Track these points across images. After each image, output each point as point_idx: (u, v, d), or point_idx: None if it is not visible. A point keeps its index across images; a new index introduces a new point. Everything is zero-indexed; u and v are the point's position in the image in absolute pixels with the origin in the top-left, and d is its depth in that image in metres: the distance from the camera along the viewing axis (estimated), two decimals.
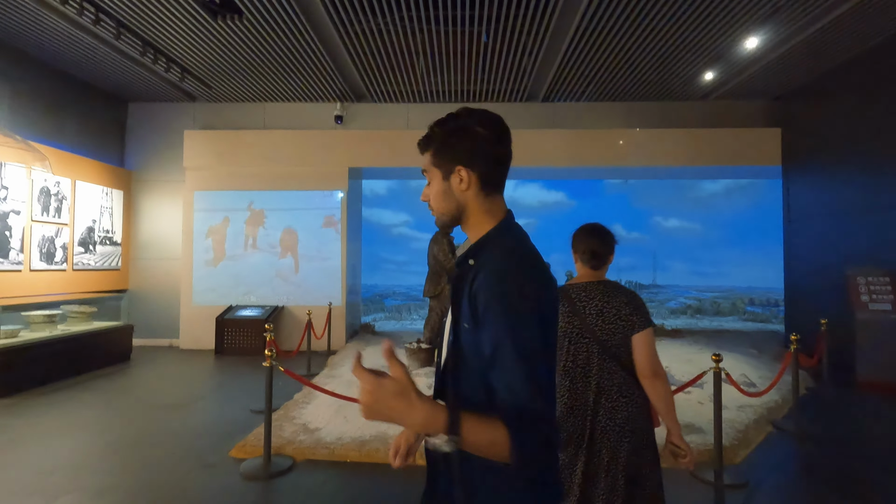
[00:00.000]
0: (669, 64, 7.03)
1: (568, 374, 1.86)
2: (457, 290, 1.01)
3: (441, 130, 1.05)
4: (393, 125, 8.45)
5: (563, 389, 1.86)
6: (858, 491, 3.16)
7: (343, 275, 8.05)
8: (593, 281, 1.93)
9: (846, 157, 6.69)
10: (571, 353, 1.86)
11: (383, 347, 0.89)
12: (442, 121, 1.07)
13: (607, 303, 1.85)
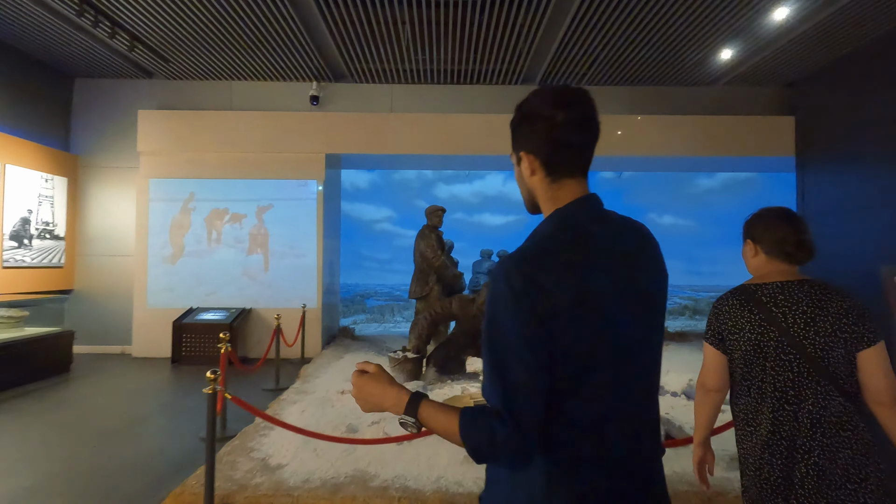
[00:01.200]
0: (676, 46, 6.43)
1: (765, 400, 1.46)
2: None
3: (516, 113, 1.00)
4: (375, 108, 7.65)
5: (761, 418, 1.47)
6: None
7: (319, 273, 7.23)
8: (792, 280, 1.51)
9: (866, 146, 6.15)
10: (769, 373, 1.46)
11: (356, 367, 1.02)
12: (522, 101, 1.00)
13: (820, 309, 1.43)
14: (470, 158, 8.03)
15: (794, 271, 1.57)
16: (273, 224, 7.26)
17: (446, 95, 7.73)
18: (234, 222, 7.25)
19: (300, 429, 2.67)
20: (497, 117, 7.52)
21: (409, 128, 7.46)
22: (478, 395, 4.82)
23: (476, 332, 5.24)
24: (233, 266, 7.22)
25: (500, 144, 7.50)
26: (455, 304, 5.26)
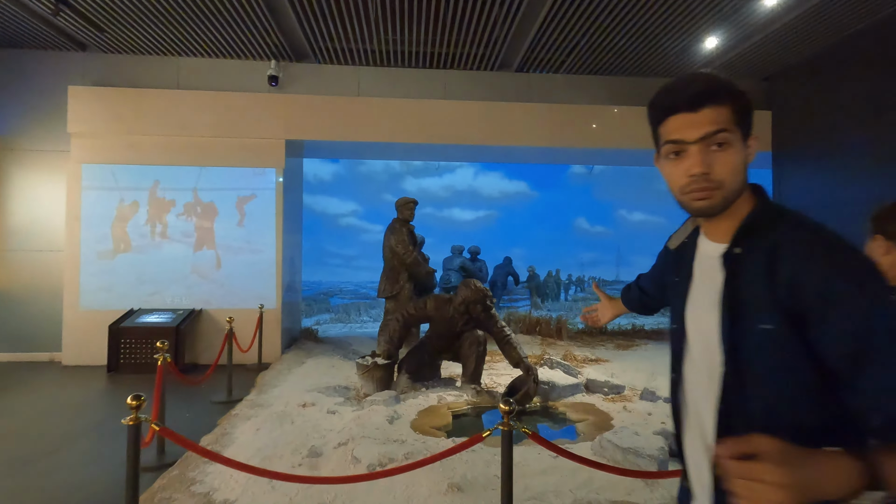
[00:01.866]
0: (657, 35, 6.20)
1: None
2: (745, 279, 0.85)
3: (745, 96, 0.87)
4: (341, 91, 7.07)
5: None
6: None
7: (279, 270, 6.61)
8: None
9: (842, 142, 6.09)
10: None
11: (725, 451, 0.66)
12: (736, 86, 0.88)
13: None
14: (443, 148, 7.57)
15: None
16: (227, 216, 6.58)
17: (418, 80, 7.24)
18: (183, 214, 6.53)
19: (248, 466, 2.15)
20: (472, 104, 7.09)
21: (378, 114, 6.93)
22: (456, 404, 4.39)
23: (453, 334, 4.81)
24: (180, 263, 6.50)
25: (475, 133, 7.09)
26: (430, 305, 4.80)
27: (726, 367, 0.85)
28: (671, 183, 0.94)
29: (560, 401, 4.50)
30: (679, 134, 0.87)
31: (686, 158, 0.88)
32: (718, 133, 0.84)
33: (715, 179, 0.86)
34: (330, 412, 4.04)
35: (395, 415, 3.88)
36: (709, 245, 0.97)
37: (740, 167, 0.88)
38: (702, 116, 0.85)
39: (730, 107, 0.86)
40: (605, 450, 3.08)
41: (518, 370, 4.62)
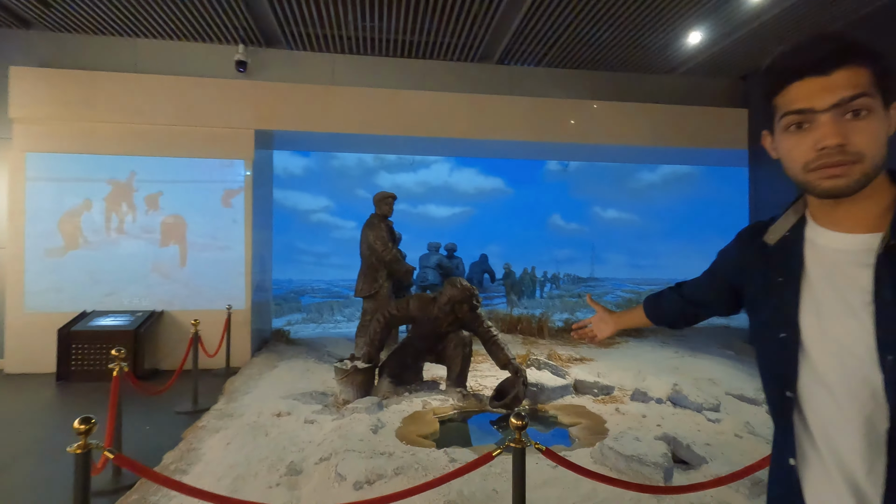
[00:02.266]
0: (641, 29, 6.16)
1: None
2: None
3: (884, 59, 0.75)
4: (314, 79, 6.71)
5: None
6: None
7: (248, 269, 6.22)
8: None
9: None
10: None
11: None
12: (871, 47, 0.76)
13: None
14: (420, 141, 7.31)
15: None
16: (191, 211, 6.14)
17: (395, 69, 6.95)
18: (142, 208, 6.05)
19: (216, 496, 1.85)
20: (451, 96, 6.87)
21: (353, 104, 6.61)
22: (441, 409, 4.17)
23: (437, 335, 4.58)
24: (139, 261, 6.03)
25: (454, 126, 6.87)
26: (413, 304, 4.55)
27: (890, 380, 0.70)
28: (791, 161, 0.80)
29: (549, 403, 4.34)
30: (806, 102, 0.76)
31: (814, 130, 0.75)
32: (856, 98, 0.73)
33: (852, 152, 0.73)
34: (308, 422, 3.74)
35: (378, 423, 3.62)
36: (835, 236, 0.82)
37: (882, 139, 0.74)
38: (835, 80, 0.74)
39: (869, 68, 0.74)
40: (607, 458, 2.91)
41: (504, 372, 4.44)
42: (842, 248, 0.80)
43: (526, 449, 1.89)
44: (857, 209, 0.79)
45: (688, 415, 3.84)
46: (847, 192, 0.75)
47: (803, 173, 0.79)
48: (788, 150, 0.81)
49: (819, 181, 0.77)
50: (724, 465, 2.92)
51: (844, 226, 0.81)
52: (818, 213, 0.85)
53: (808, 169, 0.78)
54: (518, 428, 1.89)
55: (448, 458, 2.95)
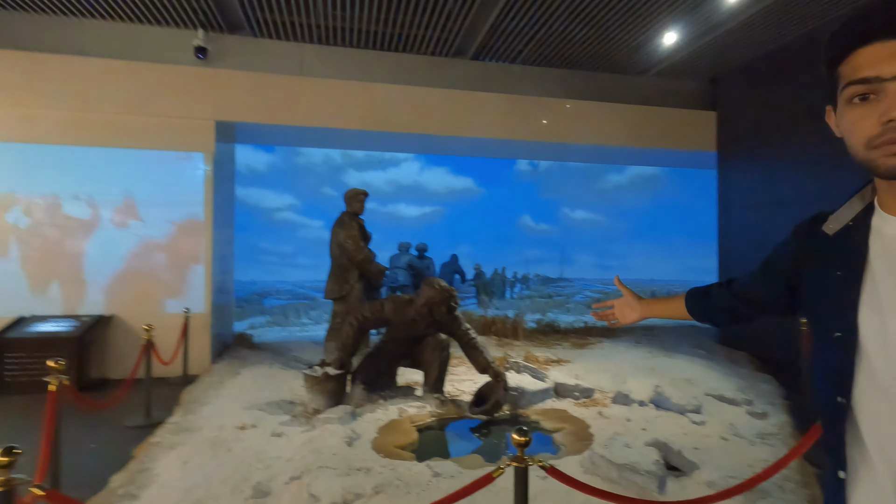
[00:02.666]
0: (613, 31, 6.15)
1: None
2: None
3: None
4: (281, 69, 6.36)
5: None
6: None
7: (208, 269, 5.81)
8: None
9: (784, 144, 6.30)
10: None
11: None
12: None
13: None
14: (392, 137, 7.06)
15: None
16: (146, 207, 5.68)
17: (367, 62, 6.68)
18: (89, 203, 5.55)
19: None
20: (424, 91, 6.66)
21: (322, 97, 6.30)
22: (419, 416, 3.95)
23: (413, 338, 4.36)
24: (88, 260, 5.53)
25: (427, 122, 6.67)
26: (389, 307, 4.32)
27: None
28: (854, 136, 0.72)
29: (530, 408, 4.19)
30: (873, 69, 0.68)
31: (881, 101, 0.67)
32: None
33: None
34: (275, 435, 3.46)
35: (353, 434, 3.38)
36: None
37: None
38: (888, 48, 0.66)
39: None
40: (598, 467, 2.78)
41: (482, 376, 4.27)
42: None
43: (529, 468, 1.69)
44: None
45: (671, 417, 3.77)
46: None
47: (866, 150, 0.71)
48: (851, 125, 0.72)
49: (883, 159, 0.68)
50: (715, 470, 2.84)
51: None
52: (887, 198, 0.76)
53: (872, 146, 0.69)
54: (521, 445, 1.70)
55: (431, 473, 2.75)
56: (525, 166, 13.15)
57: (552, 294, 12.49)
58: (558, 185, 13.32)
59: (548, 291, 12.74)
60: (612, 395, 4.25)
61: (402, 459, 3.05)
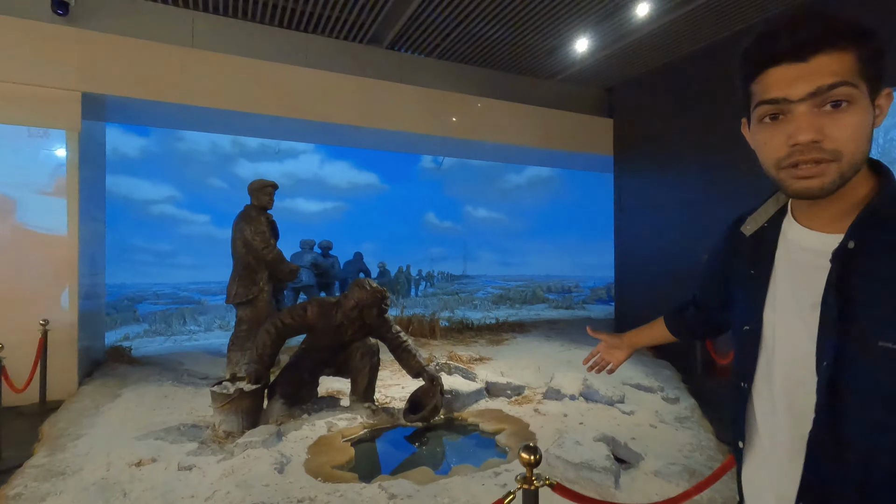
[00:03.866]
0: (526, 34, 6.31)
1: None
2: (868, 280, 0.66)
3: (876, 39, 0.68)
4: (166, 37, 5.48)
5: None
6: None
7: (73, 272, 4.80)
8: None
9: (675, 152, 6.99)
10: None
11: None
12: (859, 23, 0.67)
13: None
14: (295, 123, 6.48)
15: None
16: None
17: (269, 40, 6.04)
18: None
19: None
20: (334, 77, 6.21)
21: (215, 73, 5.56)
22: (350, 429, 3.62)
23: (339, 343, 4.00)
24: None
25: (336, 111, 6.23)
26: (312, 311, 3.89)
27: (821, 385, 0.70)
28: (764, 154, 0.74)
29: (466, 410, 4.08)
30: (781, 90, 0.69)
31: (789, 122, 0.70)
32: (836, 87, 0.66)
33: (829, 149, 0.67)
34: (184, 468, 2.90)
35: (282, 458, 2.96)
36: (805, 233, 0.78)
37: (865, 133, 0.68)
38: (814, 66, 0.67)
39: (853, 53, 0.67)
40: (555, 468, 2.73)
41: (413, 381, 4.07)
42: (808, 247, 0.77)
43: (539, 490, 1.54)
44: (833, 207, 0.73)
45: (602, 409, 3.91)
46: (820, 194, 0.69)
47: (776, 170, 0.73)
48: (762, 143, 0.74)
49: (791, 181, 0.71)
50: (657, 459, 2.96)
51: (816, 223, 0.76)
52: (796, 206, 0.82)
53: (780, 166, 0.72)
54: (529, 465, 1.53)
55: (387, 495, 2.48)
56: (430, 164, 13.13)
57: (457, 291, 12.63)
58: (462, 183, 13.51)
59: (452, 289, 12.86)
60: (544, 391, 4.30)
61: (345, 482, 2.72)
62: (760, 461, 0.83)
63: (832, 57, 0.67)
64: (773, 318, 0.79)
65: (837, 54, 0.67)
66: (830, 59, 0.67)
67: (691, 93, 6.71)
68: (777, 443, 0.78)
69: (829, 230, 0.74)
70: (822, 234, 0.75)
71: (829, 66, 0.67)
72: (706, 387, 4.94)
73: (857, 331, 0.67)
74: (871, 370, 0.66)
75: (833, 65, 0.67)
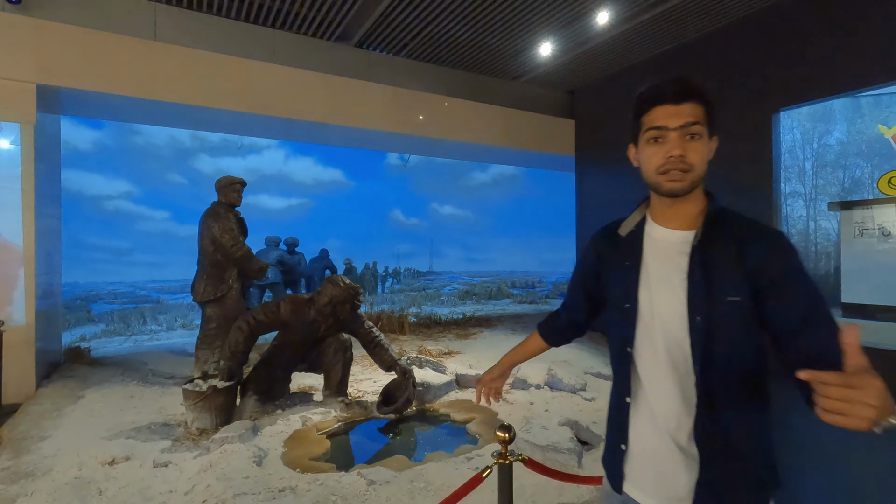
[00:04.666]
0: (493, 36, 6.49)
1: None
2: (716, 261, 1.00)
3: (708, 98, 1.04)
4: (127, 30, 5.34)
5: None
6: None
7: (29, 270, 4.64)
8: None
9: None
10: None
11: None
12: (699, 84, 1.05)
13: None
14: (257, 120, 6.42)
15: None
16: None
17: (234, 34, 5.97)
18: None
19: None
20: (302, 74, 6.21)
21: (178, 67, 5.46)
22: (325, 423, 3.70)
23: (312, 339, 4.06)
24: None
25: (302, 107, 6.24)
26: (285, 308, 3.93)
27: (694, 336, 0.99)
28: (648, 164, 1.06)
29: (437, 401, 4.23)
30: (663, 121, 1.02)
31: (665, 143, 1.02)
32: (694, 125, 1.01)
33: (688, 163, 1.00)
34: (159, 465, 2.91)
35: (260, 452, 3.02)
36: (665, 231, 1.09)
37: (705, 158, 1.03)
38: (683, 109, 1.01)
39: (704, 107, 1.02)
40: (524, 451, 2.91)
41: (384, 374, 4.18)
42: (669, 241, 1.07)
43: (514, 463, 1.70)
44: (683, 210, 1.06)
45: (566, 397, 4.14)
46: (682, 192, 1.02)
47: (655, 175, 1.05)
48: (648, 157, 1.06)
49: (665, 182, 1.03)
50: None
51: (673, 224, 1.08)
52: (656, 213, 1.12)
53: (659, 172, 1.03)
54: (504, 442, 1.69)
55: (366, 481, 2.59)
56: (395, 161, 13.16)
57: (424, 287, 12.74)
58: (427, 180, 13.62)
59: (419, 285, 12.96)
60: (511, 381, 4.50)
61: (322, 472, 2.82)
62: (646, 410, 1.06)
63: (694, 106, 1.01)
64: (648, 295, 1.06)
65: (696, 105, 1.01)
66: (693, 107, 1.01)
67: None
68: (665, 396, 1.02)
69: (683, 228, 1.07)
70: (677, 231, 1.07)
71: (692, 111, 1.01)
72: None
73: (713, 292, 0.98)
74: (724, 317, 0.97)
75: (694, 111, 1.01)
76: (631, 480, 1.09)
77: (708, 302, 0.98)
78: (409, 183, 13.33)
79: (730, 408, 0.97)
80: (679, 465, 1.00)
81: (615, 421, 1.12)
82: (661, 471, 1.03)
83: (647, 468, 1.06)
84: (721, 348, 0.97)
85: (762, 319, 0.97)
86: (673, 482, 1.01)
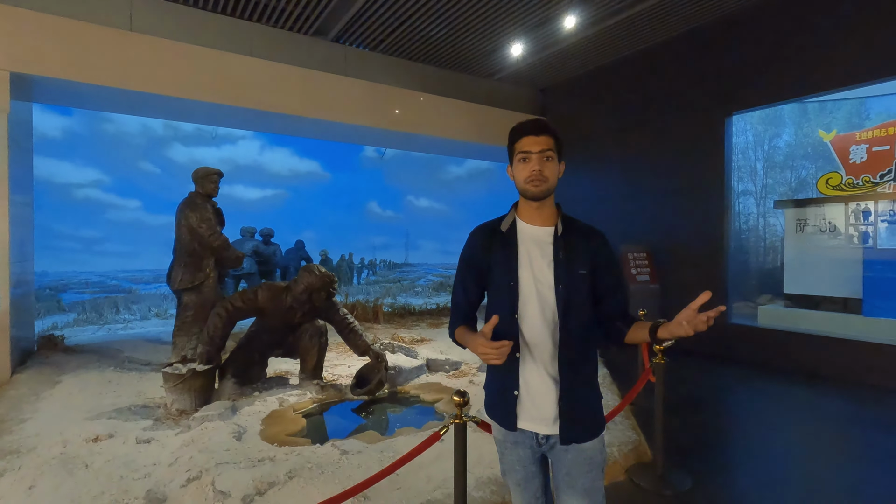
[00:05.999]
0: (468, 35, 6.71)
1: None
2: (570, 247, 1.46)
3: (557, 135, 1.48)
4: (102, 19, 5.35)
5: None
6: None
7: (4, 258, 4.67)
8: None
9: (599, 152, 7.71)
10: None
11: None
12: (551, 125, 1.49)
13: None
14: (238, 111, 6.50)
15: None
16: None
17: (211, 27, 6.02)
18: None
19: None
20: (279, 67, 6.32)
21: (154, 58, 5.51)
22: (301, 404, 3.91)
23: (288, 325, 4.25)
24: None
25: (279, 100, 6.35)
26: (263, 295, 4.10)
27: (559, 297, 1.43)
28: (519, 177, 1.47)
29: (408, 384, 4.47)
30: (529, 147, 1.44)
31: (530, 162, 1.44)
32: (548, 151, 1.44)
33: (545, 176, 1.43)
34: (142, 441, 3.08)
35: (239, 429, 3.21)
36: (532, 228, 1.51)
37: (556, 174, 1.47)
38: (542, 139, 1.44)
39: (554, 139, 1.46)
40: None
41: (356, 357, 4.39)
42: (536, 234, 1.50)
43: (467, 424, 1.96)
44: (545, 212, 1.50)
45: None
46: (542, 196, 1.45)
47: (524, 184, 1.45)
48: (519, 172, 1.46)
49: (531, 188, 1.44)
50: None
51: (537, 222, 1.51)
52: (524, 214, 1.53)
53: (527, 182, 1.44)
54: (460, 405, 1.95)
55: (339, 452, 2.82)
56: (372, 153, 13.26)
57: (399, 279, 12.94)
58: (404, 173, 13.75)
59: (394, 276, 13.16)
60: (478, 365, 4.77)
61: (300, 445, 3.03)
62: (534, 364, 1.44)
63: (548, 137, 1.44)
64: (528, 273, 1.47)
65: (550, 137, 1.45)
66: (547, 138, 1.44)
67: (614, 97, 7.42)
68: (544, 349, 1.43)
69: (543, 225, 1.50)
70: (540, 227, 1.50)
71: (546, 141, 1.44)
72: (615, 357, 5.64)
73: (570, 268, 1.44)
74: (576, 284, 1.44)
75: (549, 140, 1.44)
76: (522, 417, 1.45)
77: (567, 275, 1.43)
78: (385, 176, 13.48)
79: (578, 339, 1.44)
80: (550, 389, 1.42)
81: (506, 374, 1.47)
82: (539, 401, 1.43)
83: (532, 402, 1.44)
84: (574, 304, 1.43)
85: (592, 286, 1.45)
86: (547, 406, 1.42)
